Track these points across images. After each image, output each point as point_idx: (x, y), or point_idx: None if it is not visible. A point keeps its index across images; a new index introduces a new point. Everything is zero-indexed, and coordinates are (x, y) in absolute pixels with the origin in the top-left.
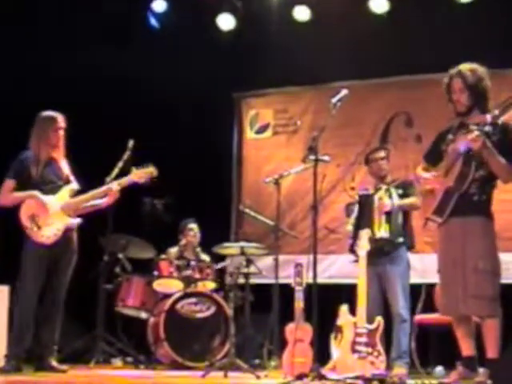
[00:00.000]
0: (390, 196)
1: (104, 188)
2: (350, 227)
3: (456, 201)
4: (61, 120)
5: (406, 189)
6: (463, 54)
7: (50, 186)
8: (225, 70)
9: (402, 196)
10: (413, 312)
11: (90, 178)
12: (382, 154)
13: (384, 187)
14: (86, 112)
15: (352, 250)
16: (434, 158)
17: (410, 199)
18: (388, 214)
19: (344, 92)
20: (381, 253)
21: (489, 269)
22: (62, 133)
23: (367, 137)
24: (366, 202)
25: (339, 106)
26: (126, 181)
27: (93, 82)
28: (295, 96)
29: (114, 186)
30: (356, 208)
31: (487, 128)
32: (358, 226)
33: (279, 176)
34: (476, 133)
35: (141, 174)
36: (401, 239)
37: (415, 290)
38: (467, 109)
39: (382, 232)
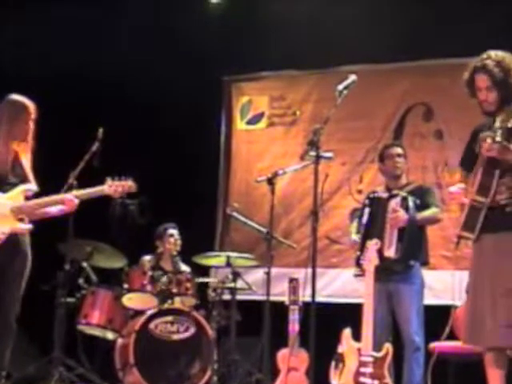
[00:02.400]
0: (407, 207)
1: (61, 197)
2: (353, 236)
3: (486, 214)
4: (33, 110)
5: (423, 196)
6: (493, 36)
7: (4, 184)
8: (213, 49)
9: (419, 207)
10: (437, 338)
11: (52, 172)
12: (399, 150)
13: (401, 195)
14: (51, 96)
15: (359, 264)
16: (470, 163)
17: (430, 211)
18: (402, 229)
19: (352, 78)
20: (391, 269)
21: None
22: (32, 125)
23: (378, 131)
24: (378, 208)
25: (346, 95)
26: (96, 192)
27: (61, 60)
28: (295, 81)
29: (70, 197)
30: (366, 213)
31: (499, 133)
32: (367, 235)
33: (274, 175)
34: (488, 141)
35: (116, 188)
36: (412, 262)
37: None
38: (496, 107)
39: (392, 251)
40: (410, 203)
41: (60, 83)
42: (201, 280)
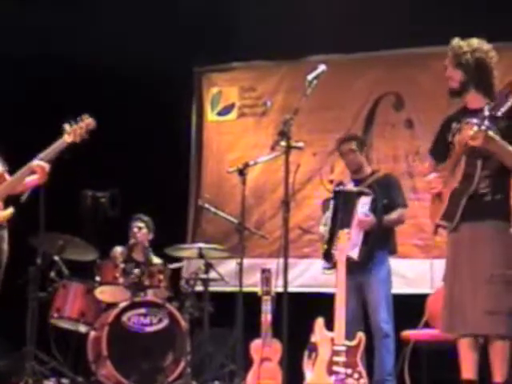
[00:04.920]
0: (376, 209)
1: (29, 166)
2: (322, 228)
3: (466, 204)
4: None
5: (389, 190)
6: (463, 25)
7: None
8: (183, 40)
9: (387, 207)
10: (409, 326)
11: (21, 164)
12: (351, 145)
13: (370, 196)
14: (20, 87)
15: (326, 257)
16: (441, 152)
17: (396, 214)
18: (367, 231)
19: (322, 68)
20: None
21: (505, 279)
22: None
23: (349, 121)
24: (345, 203)
25: (316, 85)
26: (58, 146)
27: (27, 47)
28: (265, 72)
29: (36, 162)
30: (331, 206)
31: (486, 122)
32: (334, 227)
33: (245, 165)
34: (475, 128)
35: (76, 131)
36: (370, 264)
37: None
38: (460, 85)
39: (356, 252)
40: (379, 205)
41: (30, 73)
42: (172, 266)
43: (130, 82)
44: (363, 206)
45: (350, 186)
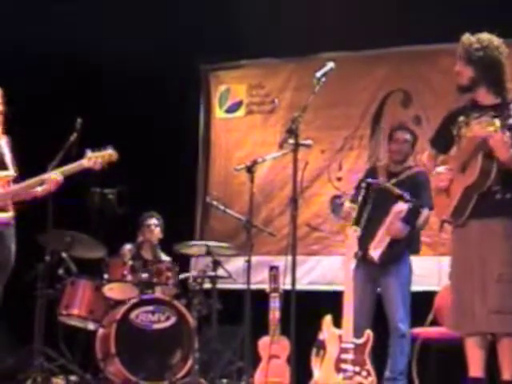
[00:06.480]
0: (410, 218)
1: (44, 176)
2: (347, 204)
3: (476, 201)
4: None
5: (417, 189)
6: (470, 21)
7: None
8: (190, 37)
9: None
10: (417, 323)
11: (29, 164)
12: (407, 136)
13: (407, 205)
14: (27, 86)
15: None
16: (443, 143)
17: (423, 216)
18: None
19: (330, 65)
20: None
21: None
22: (0, 108)
23: (357, 119)
24: (381, 199)
25: (324, 82)
26: (76, 167)
27: (32, 46)
28: (273, 69)
29: (54, 175)
30: (360, 197)
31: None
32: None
33: (253, 163)
34: (497, 124)
35: (97, 159)
36: (392, 266)
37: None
38: (470, 82)
39: (377, 254)
40: (415, 214)
41: (37, 73)
42: (182, 276)
43: (137, 80)
44: (399, 213)
45: (389, 185)
